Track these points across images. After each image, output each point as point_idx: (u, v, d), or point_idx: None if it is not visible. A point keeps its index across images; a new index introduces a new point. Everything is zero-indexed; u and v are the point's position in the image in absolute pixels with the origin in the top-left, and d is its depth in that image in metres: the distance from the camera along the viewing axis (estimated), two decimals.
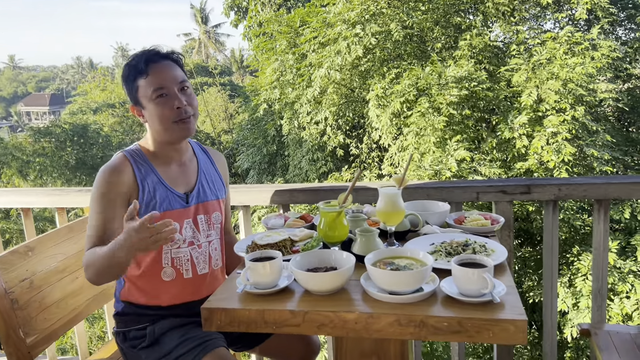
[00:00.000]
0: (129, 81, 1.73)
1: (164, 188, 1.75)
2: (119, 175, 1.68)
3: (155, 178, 1.74)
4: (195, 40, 50.44)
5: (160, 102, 1.69)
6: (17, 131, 47.15)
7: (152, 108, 1.70)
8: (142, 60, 1.70)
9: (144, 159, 1.76)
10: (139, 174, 1.71)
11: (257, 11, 13.91)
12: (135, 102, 1.75)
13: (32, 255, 1.80)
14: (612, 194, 2.00)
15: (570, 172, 6.19)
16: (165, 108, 1.69)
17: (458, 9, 7.92)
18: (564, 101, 6.29)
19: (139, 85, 1.71)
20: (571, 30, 6.93)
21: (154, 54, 1.73)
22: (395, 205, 1.60)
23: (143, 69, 1.69)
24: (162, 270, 1.76)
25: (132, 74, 1.71)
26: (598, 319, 2.09)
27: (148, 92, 1.69)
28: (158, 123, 1.71)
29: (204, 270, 1.83)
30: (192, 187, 1.83)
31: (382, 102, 7.08)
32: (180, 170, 1.82)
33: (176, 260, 1.77)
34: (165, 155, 1.79)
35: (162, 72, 1.71)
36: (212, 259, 1.86)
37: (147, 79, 1.69)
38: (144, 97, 1.71)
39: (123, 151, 1.76)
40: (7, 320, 1.62)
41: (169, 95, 1.70)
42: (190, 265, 1.79)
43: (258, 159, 10.17)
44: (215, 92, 21.46)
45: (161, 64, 1.72)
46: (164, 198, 1.74)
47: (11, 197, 2.60)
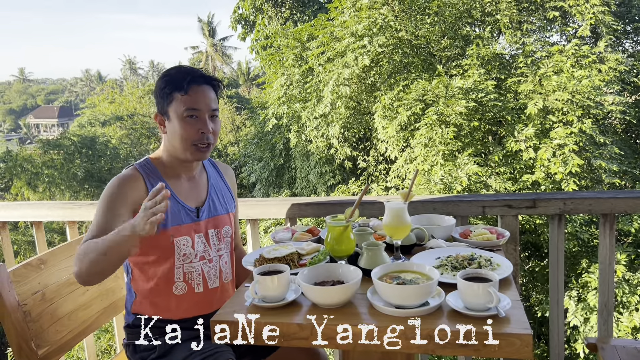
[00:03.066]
0: (164, 92, 1.74)
1: (175, 202, 1.77)
2: (131, 185, 1.70)
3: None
4: (202, 53, 50.87)
5: (189, 122, 1.72)
6: (26, 143, 47.59)
7: (178, 124, 1.73)
8: (187, 80, 1.72)
9: (155, 172, 1.78)
10: (150, 186, 1.73)
11: (264, 25, 14.05)
12: (162, 112, 1.77)
13: (44, 268, 1.83)
14: (617, 208, 2.00)
15: (577, 185, 6.17)
16: (191, 129, 1.72)
17: (465, 21, 7.97)
18: (571, 113, 6.30)
19: (174, 98, 1.73)
20: (578, 43, 6.96)
21: (199, 76, 1.76)
22: (401, 219, 1.62)
23: (183, 87, 1.71)
24: (174, 284, 1.78)
25: (171, 86, 1.73)
26: (605, 333, 2.09)
27: (181, 108, 1.72)
28: (179, 140, 1.74)
29: (215, 285, 1.85)
30: (203, 202, 1.85)
31: (388, 113, 7.11)
32: (191, 185, 1.85)
33: (188, 275, 1.79)
34: (176, 169, 1.82)
35: (200, 94, 1.74)
36: (222, 272, 1.88)
37: (184, 96, 1.72)
38: (175, 112, 1.73)
39: (134, 164, 1.78)
40: (19, 332, 1.65)
41: (199, 118, 1.74)
42: (202, 280, 1.81)
43: (266, 173, 10.22)
44: (222, 105, 21.62)
45: (202, 87, 1.75)
46: (176, 212, 1.76)
47: (24, 210, 2.64)
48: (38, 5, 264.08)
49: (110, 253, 1.49)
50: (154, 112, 1.80)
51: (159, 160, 1.82)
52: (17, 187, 15.04)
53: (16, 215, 2.70)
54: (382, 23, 7.47)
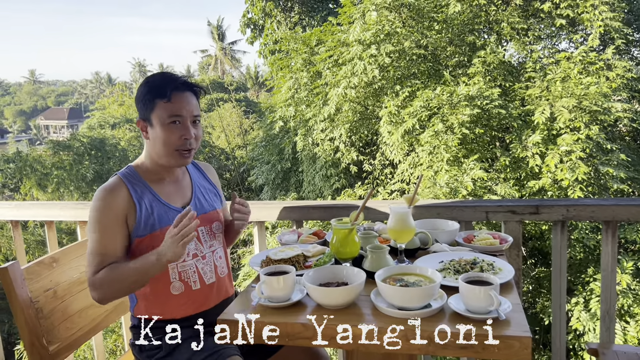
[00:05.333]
0: (147, 98, 1.77)
1: (161, 204, 1.81)
2: (114, 197, 1.74)
3: (151, 196, 1.80)
4: (211, 56, 51.17)
5: (172, 128, 1.76)
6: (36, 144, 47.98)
7: (160, 131, 1.76)
8: (169, 87, 1.76)
9: (138, 178, 1.81)
10: (134, 193, 1.77)
11: (273, 29, 14.12)
12: (144, 118, 1.79)
13: (56, 266, 1.88)
14: (620, 215, 2.02)
15: (584, 191, 6.16)
16: (174, 135, 1.76)
17: (472, 28, 7.99)
18: (578, 120, 6.29)
19: (156, 105, 1.76)
20: (585, 50, 6.95)
21: (181, 83, 1.80)
22: (405, 223, 1.65)
23: (166, 94, 1.75)
24: (171, 284, 1.82)
25: (153, 93, 1.77)
26: (607, 340, 2.11)
27: (163, 115, 1.76)
28: (161, 146, 1.78)
29: (212, 280, 1.89)
30: (189, 201, 1.90)
31: (394, 119, 7.14)
32: (175, 187, 1.89)
33: (183, 274, 1.83)
34: (159, 174, 1.86)
35: (182, 101, 1.78)
36: (217, 267, 1.92)
37: (166, 103, 1.75)
38: (157, 118, 1.76)
39: (117, 173, 1.82)
40: (31, 328, 1.69)
41: (182, 124, 1.77)
42: (198, 277, 1.85)
43: (272, 176, 10.26)
44: (230, 108, 21.70)
45: (184, 94, 1.79)
46: (162, 214, 1.79)
47: (37, 210, 2.70)
48: (50, 8, 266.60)
49: (136, 282, 1.67)
50: (138, 119, 1.82)
51: (142, 166, 1.85)
52: (26, 187, 15.18)
53: (29, 214, 2.75)
54: (390, 29, 7.51)
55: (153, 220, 1.77)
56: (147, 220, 1.76)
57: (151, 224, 1.76)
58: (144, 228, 1.75)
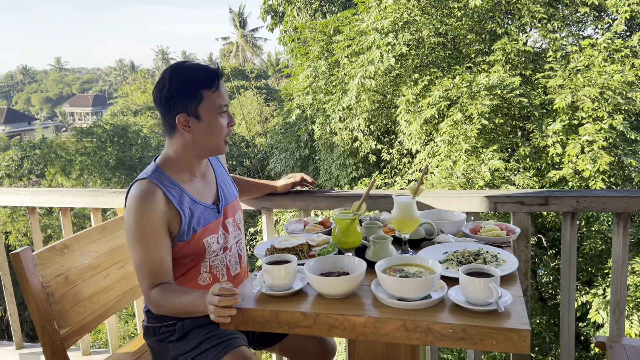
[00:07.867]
0: (190, 91, 1.71)
1: (196, 204, 1.80)
2: (154, 206, 1.68)
3: (188, 198, 1.78)
4: (233, 44, 51.29)
5: (222, 117, 1.77)
6: (62, 131, 48.91)
7: (211, 121, 1.74)
8: (214, 76, 1.74)
9: (169, 179, 1.76)
10: (173, 199, 1.72)
11: (293, 16, 14.06)
12: (189, 112, 1.72)
13: (67, 252, 1.92)
14: (632, 207, 1.98)
15: (606, 182, 6.04)
16: (224, 124, 1.78)
17: (493, 15, 7.85)
18: (601, 109, 6.15)
19: (204, 96, 1.72)
20: (611, 37, 6.77)
21: (221, 73, 1.79)
22: (410, 213, 1.64)
23: (214, 84, 1.73)
24: (200, 276, 1.84)
25: (199, 85, 1.72)
26: (616, 332, 2.08)
27: (214, 106, 1.73)
28: (212, 137, 1.76)
29: (237, 271, 1.93)
30: (217, 196, 1.91)
31: (412, 107, 7.08)
32: (203, 182, 1.88)
33: (214, 267, 1.86)
34: (189, 170, 1.83)
35: (224, 90, 1.79)
36: (241, 257, 1.96)
37: (214, 92, 1.73)
38: (207, 109, 1.72)
39: (148, 177, 1.73)
40: (43, 312, 1.74)
41: (227, 113, 1.80)
42: (225, 270, 1.89)
43: (291, 163, 10.30)
44: (251, 96, 21.80)
45: (222, 83, 1.80)
46: (199, 214, 1.80)
47: (52, 196, 2.76)
48: None
49: (184, 314, 1.71)
50: (180, 115, 1.72)
51: (170, 164, 1.79)
52: (51, 173, 15.52)
53: (44, 200, 2.81)
54: (408, 17, 7.41)
55: (194, 224, 1.77)
56: (189, 225, 1.75)
57: (193, 227, 1.76)
58: (187, 233, 1.75)
